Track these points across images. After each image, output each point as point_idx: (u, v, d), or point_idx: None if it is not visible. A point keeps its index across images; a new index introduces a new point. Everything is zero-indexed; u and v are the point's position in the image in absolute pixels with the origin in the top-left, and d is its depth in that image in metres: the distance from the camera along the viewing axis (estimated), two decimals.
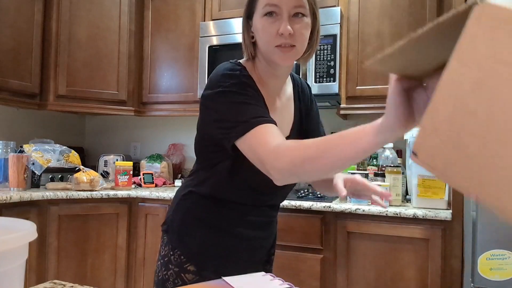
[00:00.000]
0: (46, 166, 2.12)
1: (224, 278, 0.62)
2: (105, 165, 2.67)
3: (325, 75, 2.07)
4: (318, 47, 2.07)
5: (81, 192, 2.11)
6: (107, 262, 2.18)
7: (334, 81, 2.05)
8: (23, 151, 2.12)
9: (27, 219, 0.52)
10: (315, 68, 2.08)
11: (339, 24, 2.05)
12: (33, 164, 2.10)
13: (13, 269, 0.45)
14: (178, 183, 2.59)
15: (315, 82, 2.08)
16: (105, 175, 2.63)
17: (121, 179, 2.27)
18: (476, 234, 1.47)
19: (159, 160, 2.66)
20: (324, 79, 2.07)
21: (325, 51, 2.07)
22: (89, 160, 3.00)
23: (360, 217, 1.79)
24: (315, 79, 2.08)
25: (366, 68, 2.14)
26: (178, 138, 2.93)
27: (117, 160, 2.63)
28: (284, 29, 0.86)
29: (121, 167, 2.29)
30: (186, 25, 2.53)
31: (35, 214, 1.97)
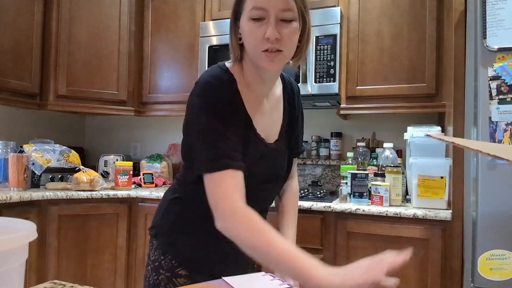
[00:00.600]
0: (46, 166, 2.12)
1: (224, 278, 0.62)
2: (105, 165, 2.67)
3: (325, 75, 2.07)
4: (318, 47, 2.07)
5: (81, 192, 2.11)
6: (107, 262, 2.18)
7: (334, 81, 2.05)
8: (23, 151, 2.12)
9: (27, 219, 0.52)
10: (315, 68, 2.08)
11: (339, 24, 2.05)
12: (33, 164, 2.10)
13: (13, 269, 0.45)
14: None
15: (315, 82, 2.08)
16: (105, 175, 2.63)
17: (121, 179, 2.28)
18: (476, 234, 1.47)
19: (159, 160, 2.66)
20: (324, 79, 2.07)
21: (325, 51, 2.07)
22: (89, 160, 3.00)
23: (360, 217, 1.79)
24: (315, 79, 2.08)
25: (368, 71, 2.14)
26: (178, 138, 2.92)
27: (117, 160, 2.63)
28: (271, 34, 0.83)
29: (121, 167, 2.29)
30: (186, 25, 2.53)
31: (35, 214, 1.97)
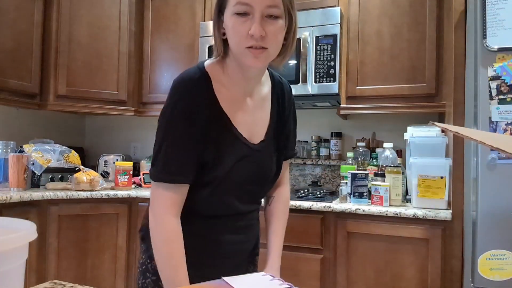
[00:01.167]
0: (46, 166, 2.12)
1: (224, 278, 0.62)
2: (105, 165, 2.67)
3: (325, 75, 2.07)
4: (318, 47, 2.07)
5: (81, 192, 2.11)
6: (107, 262, 2.18)
7: (334, 81, 2.05)
8: (23, 151, 2.12)
9: (27, 219, 0.52)
10: (315, 68, 2.08)
11: (339, 24, 2.05)
12: (33, 164, 2.10)
13: (13, 269, 0.45)
14: None
15: (315, 82, 2.08)
16: (105, 175, 2.63)
17: (121, 179, 2.28)
18: (476, 234, 1.47)
19: None
20: (324, 79, 2.07)
21: (325, 51, 2.07)
22: (89, 160, 3.00)
23: (360, 217, 1.79)
24: (315, 79, 2.08)
25: (368, 71, 2.14)
26: None
27: (117, 160, 2.63)
28: (255, 31, 0.80)
29: (121, 167, 2.29)
30: (186, 25, 2.53)
31: (35, 214, 1.97)
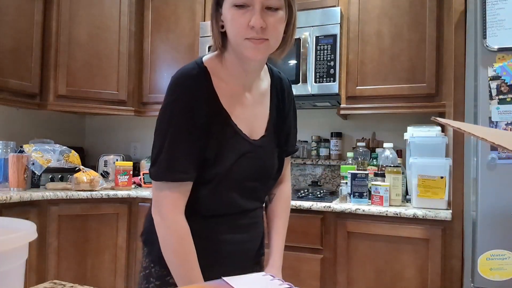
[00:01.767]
0: (46, 166, 2.12)
1: (224, 278, 0.62)
2: (105, 165, 2.67)
3: (325, 75, 2.07)
4: (318, 47, 2.07)
5: (81, 192, 2.11)
6: (107, 262, 2.18)
7: (334, 81, 2.05)
8: (23, 151, 2.12)
9: (27, 219, 0.52)
10: (315, 68, 2.08)
11: (339, 24, 2.05)
12: (33, 164, 2.10)
13: (13, 269, 0.45)
14: None
15: (315, 82, 2.08)
16: (105, 175, 2.62)
17: (121, 179, 2.27)
18: (476, 234, 1.47)
19: None
20: (324, 79, 2.07)
21: (325, 51, 2.07)
22: (89, 160, 3.00)
23: (360, 217, 1.79)
24: (315, 79, 2.08)
25: (368, 71, 2.14)
26: None
27: (117, 160, 2.63)
28: (256, 22, 0.79)
29: (121, 167, 2.29)
30: (186, 25, 2.53)
31: (35, 214, 1.97)
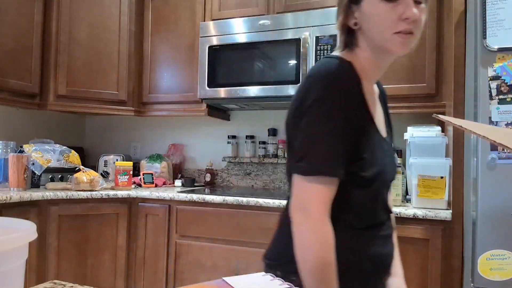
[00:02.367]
0: (46, 166, 2.12)
1: (224, 278, 0.62)
2: (105, 165, 2.67)
3: None
4: (318, 47, 2.07)
5: (81, 192, 2.11)
6: (107, 262, 2.18)
7: None
8: (23, 151, 2.12)
9: (27, 219, 0.52)
10: None
11: None
12: (33, 164, 2.10)
13: (13, 269, 0.45)
14: (178, 183, 2.59)
15: None
16: (105, 175, 2.63)
17: (121, 179, 2.27)
18: (476, 234, 1.47)
19: (159, 160, 2.66)
20: None
21: (325, 51, 2.07)
22: (89, 160, 3.00)
23: None
24: None
25: None
26: (178, 138, 2.93)
27: (117, 160, 2.63)
28: (411, 13, 0.77)
29: (121, 167, 2.29)
30: (186, 25, 2.53)
31: (35, 214, 1.97)
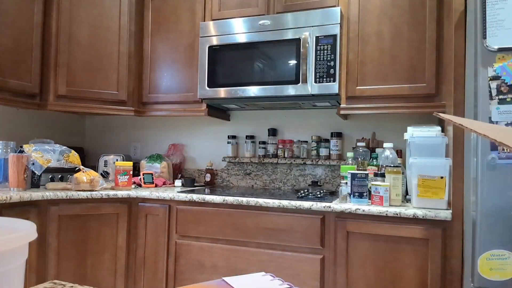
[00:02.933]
0: (46, 166, 2.12)
1: (224, 278, 0.62)
2: (105, 165, 2.67)
3: (325, 75, 2.07)
4: (318, 47, 2.07)
5: (81, 192, 2.11)
6: (107, 262, 2.18)
7: (334, 81, 2.05)
8: (23, 151, 2.12)
9: (27, 219, 0.52)
10: (315, 68, 2.08)
11: (339, 24, 2.05)
12: (33, 164, 2.10)
13: (13, 269, 0.45)
14: (178, 183, 2.59)
15: (315, 82, 2.08)
16: (105, 175, 2.63)
17: (121, 179, 2.28)
18: (476, 234, 1.47)
19: (159, 160, 2.66)
20: (324, 79, 2.07)
21: (325, 51, 2.07)
22: (89, 160, 3.00)
23: (360, 217, 1.79)
24: (315, 79, 2.08)
25: (368, 71, 2.14)
26: (178, 138, 2.93)
27: (117, 160, 2.63)
28: None
29: (121, 167, 2.29)
30: (186, 25, 2.53)
31: (35, 214, 1.97)
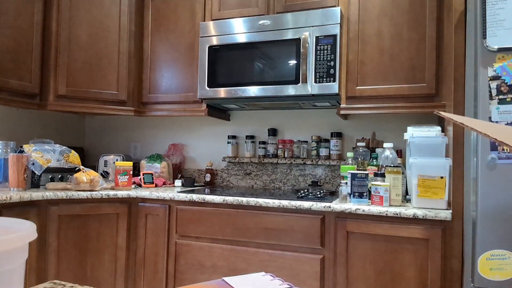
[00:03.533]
0: (46, 166, 2.12)
1: (224, 278, 0.62)
2: (105, 165, 2.67)
3: (325, 75, 2.07)
4: (318, 47, 2.07)
5: (81, 192, 2.11)
6: (107, 262, 2.18)
7: (334, 81, 2.05)
8: (23, 151, 2.12)
9: (27, 219, 0.52)
10: (315, 68, 2.08)
11: (339, 24, 2.05)
12: (33, 164, 2.10)
13: (13, 269, 0.45)
14: (178, 183, 2.59)
15: (315, 82, 2.08)
16: (105, 175, 2.63)
17: (121, 179, 2.28)
18: (476, 234, 1.47)
19: (159, 160, 2.66)
20: (324, 79, 2.07)
21: (325, 51, 2.07)
22: (89, 160, 3.00)
23: (360, 217, 1.79)
24: (315, 79, 2.08)
25: (368, 71, 2.14)
26: (178, 138, 2.93)
27: (117, 160, 2.63)
28: None
29: (121, 167, 2.29)
30: (186, 25, 2.53)
31: (35, 214, 1.97)
